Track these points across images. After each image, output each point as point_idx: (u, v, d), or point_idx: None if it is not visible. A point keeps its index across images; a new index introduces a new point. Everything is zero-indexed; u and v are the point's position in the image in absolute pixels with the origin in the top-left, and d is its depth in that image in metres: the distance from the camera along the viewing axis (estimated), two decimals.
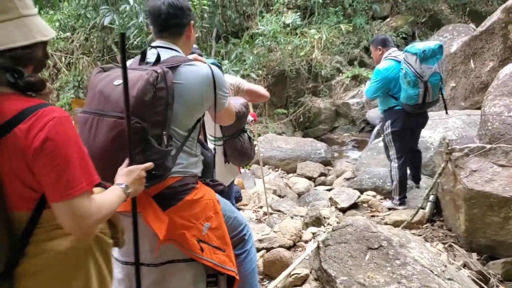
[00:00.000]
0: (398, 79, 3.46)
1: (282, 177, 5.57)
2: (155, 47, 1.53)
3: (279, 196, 4.77)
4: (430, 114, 3.85)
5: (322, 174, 5.44)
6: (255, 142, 2.27)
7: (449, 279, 2.21)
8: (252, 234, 1.83)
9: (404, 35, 8.17)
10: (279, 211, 3.88)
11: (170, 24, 1.54)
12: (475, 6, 9.09)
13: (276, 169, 5.72)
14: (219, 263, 1.45)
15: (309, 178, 5.39)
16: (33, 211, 1.04)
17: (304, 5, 7.87)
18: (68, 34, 7.46)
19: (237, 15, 8.18)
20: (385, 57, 3.56)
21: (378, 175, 4.20)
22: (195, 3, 6.29)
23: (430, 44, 3.33)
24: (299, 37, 7.33)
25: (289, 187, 5.24)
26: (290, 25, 7.25)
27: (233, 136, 2.29)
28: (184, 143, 1.50)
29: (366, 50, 8.43)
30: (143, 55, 1.52)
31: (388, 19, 8.70)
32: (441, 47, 3.31)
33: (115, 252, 1.52)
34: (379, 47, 3.63)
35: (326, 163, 5.80)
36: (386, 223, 3.30)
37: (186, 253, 1.43)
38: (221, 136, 2.30)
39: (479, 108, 5.26)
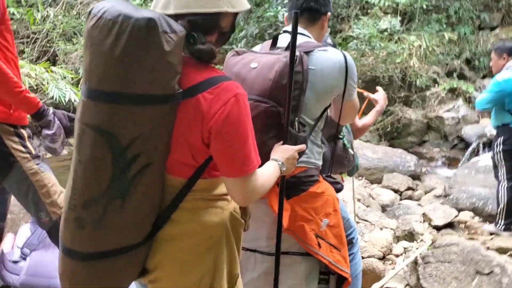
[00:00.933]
0: None
1: (366, 186, 5.38)
2: (288, 31, 1.50)
3: (364, 205, 4.61)
4: None
5: (409, 188, 5.15)
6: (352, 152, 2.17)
7: None
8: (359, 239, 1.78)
9: None
10: (366, 220, 3.75)
11: (309, 7, 1.51)
12: None
13: (360, 178, 5.54)
14: (335, 262, 1.41)
15: (395, 191, 5.13)
16: (189, 180, 1.08)
17: (404, 10, 7.50)
18: None
19: (331, 17, 8.07)
20: (507, 67, 3.24)
21: (478, 195, 3.85)
22: None
23: None
24: (395, 42, 7.01)
25: (373, 197, 5.04)
26: (388, 29, 6.96)
27: (327, 140, 2.22)
28: (311, 132, 1.47)
29: (468, 62, 7.80)
30: (275, 40, 1.53)
31: (497, 30, 7.95)
32: None
33: None
34: (505, 54, 3.30)
35: (415, 177, 5.49)
36: (488, 248, 3.01)
37: (303, 246, 1.42)
38: None
39: None
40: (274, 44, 1.52)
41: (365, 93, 2.27)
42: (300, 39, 1.48)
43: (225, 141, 1.02)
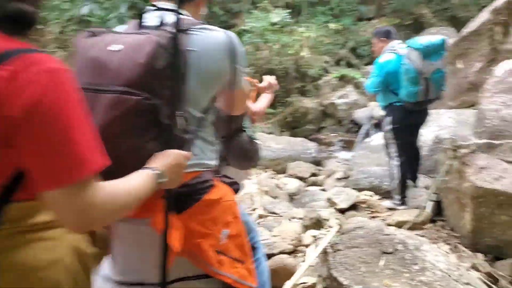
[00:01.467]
0: (397, 74, 3.31)
1: (272, 177, 5.37)
2: (159, 8, 1.22)
3: (272, 197, 4.57)
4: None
5: (313, 175, 5.26)
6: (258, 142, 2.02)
7: (466, 283, 2.04)
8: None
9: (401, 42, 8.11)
10: (274, 213, 3.67)
11: None
12: (455, 11, 9.17)
13: (266, 170, 5.52)
14: (239, 278, 1.19)
15: (300, 179, 5.20)
16: None
17: (291, 3, 7.71)
18: (42, 26, 6.98)
19: (223, 12, 7.95)
20: (387, 50, 3.41)
21: (374, 174, 4.05)
22: None
23: (433, 38, 3.19)
24: (287, 34, 7.16)
25: (280, 188, 5.04)
26: (279, 22, 7.07)
27: (230, 136, 2.03)
28: (199, 128, 1.21)
29: (353, 50, 8.35)
30: (141, 18, 1.22)
31: (374, 21, 8.64)
32: (444, 42, 3.18)
33: (106, 268, 1.20)
34: (383, 38, 3.48)
35: (317, 163, 5.64)
36: (389, 224, 3.13)
37: (202, 268, 1.16)
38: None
39: (467, 107, 5.22)
40: (141, 24, 1.23)
41: (253, 81, 2.12)
42: (173, 17, 1.19)
43: (35, 136, 0.71)
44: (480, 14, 5.12)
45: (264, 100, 1.93)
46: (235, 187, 1.38)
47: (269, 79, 1.93)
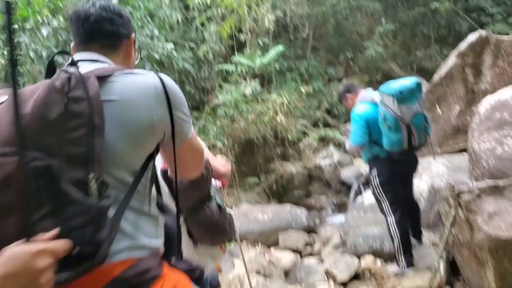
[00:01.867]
0: (376, 123, 3.08)
1: (264, 253, 4.86)
2: (76, 61, 0.99)
3: (265, 276, 4.04)
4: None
5: (307, 244, 4.79)
6: (231, 212, 1.69)
7: None
8: None
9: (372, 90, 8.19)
10: None
11: (103, 30, 1.05)
12: (421, 63, 9.49)
13: (256, 244, 5.02)
14: None
15: (294, 251, 4.71)
16: None
17: (261, 74, 7.79)
18: None
19: (196, 91, 7.95)
20: (360, 101, 3.22)
21: (373, 236, 3.63)
22: None
23: (406, 82, 2.99)
24: (260, 103, 7.11)
25: (273, 264, 4.52)
26: (252, 93, 7.04)
27: (195, 208, 1.67)
28: (130, 196, 0.91)
29: (328, 111, 8.34)
30: (51, 69, 0.97)
31: (344, 80, 8.78)
32: (419, 84, 2.99)
33: None
34: (347, 94, 3.32)
35: (310, 230, 5.19)
36: None
37: None
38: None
39: (456, 152, 5.01)
40: (49, 76, 0.95)
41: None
42: (91, 66, 0.99)
43: None
44: (447, 59, 5.14)
45: (220, 161, 1.66)
46: (194, 274, 1.00)
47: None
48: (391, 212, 3.10)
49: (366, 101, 3.17)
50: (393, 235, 3.09)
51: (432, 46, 9.35)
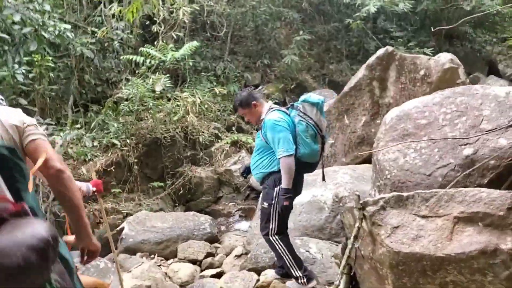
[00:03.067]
0: (292, 133, 2.81)
1: (160, 265, 4.32)
2: None
3: None
4: (316, 171, 3.24)
5: (209, 255, 4.38)
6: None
7: None
8: None
9: (277, 101, 8.11)
10: None
11: None
12: (333, 76, 9.80)
13: (152, 256, 4.45)
14: None
15: (194, 262, 4.27)
16: None
17: (174, 69, 7.24)
18: None
19: (99, 82, 7.10)
20: (269, 110, 2.91)
21: None
22: (38, 63, 5.05)
23: (320, 97, 2.91)
24: (169, 100, 6.56)
25: (169, 277, 4.03)
26: (162, 89, 6.45)
27: None
28: None
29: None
30: None
31: (260, 87, 8.63)
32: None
33: None
34: (254, 102, 2.94)
35: (213, 239, 4.78)
36: None
37: None
38: None
39: (360, 163, 5.05)
40: None
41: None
42: None
43: None
44: (358, 71, 5.19)
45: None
46: None
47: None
48: (275, 234, 2.85)
49: (277, 109, 2.89)
50: (281, 253, 2.83)
51: (344, 62, 9.72)
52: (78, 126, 5.71)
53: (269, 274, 2.99)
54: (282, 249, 2.77)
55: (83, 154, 5.70)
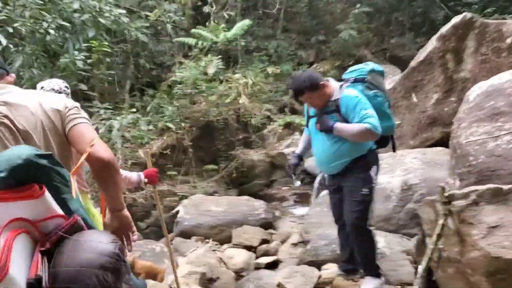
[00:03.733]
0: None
1: (215, 250, 4.22)
2: None
3: (210, 280, 3.40)
4: (381, 155, 2.86)
5: (264, 241, 4.18)
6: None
7: None
8: None
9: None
10: None
11: None
12: (394, 51, 9.05)
13: (207, 240, 4.36)
14: None
15: (249, 248, 4.10)
16: None
17: (225, 51, 7.03)
18: None
19: (154, 66, 7.10)
20: (343, 86, 2.50)
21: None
22: (96, 49, 5.07)
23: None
24: (222, 82, 6.38)
25: (224, 263, 3.90)
26: (214, 71, 6.29)
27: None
28: None
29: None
30: None
31: (314, 65, 8.20)
32: None
33: None
34: (322, 82, 2.43)
35: (268, 225, 4.57)
36: None
37: None
38: None
39: (430, 146, 4.53)
40: None
41: None
42: None
43: None
44: (428, 42, 4.61)
45: None
46: None
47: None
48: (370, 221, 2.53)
49: (351, 85, 2.49)
50: (372, 247, 2.49)
51: (406, 35, 8.92)
52: (134, 110, 5.74)
53: (332, 269, 2.71)
54: (374, 243, 2.46)
55: (140, 137, 5.73)
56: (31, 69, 4.17)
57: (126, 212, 1.39)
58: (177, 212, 4.55)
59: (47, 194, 1.11)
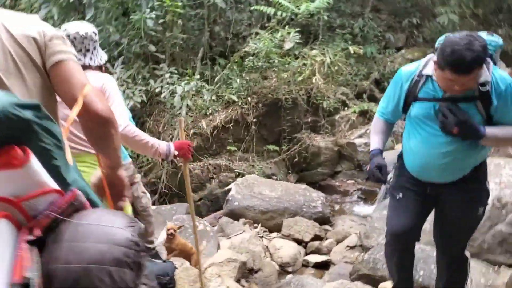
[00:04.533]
0: None
1: (262, 236, 3.92)
2: None
3: (250, 270, 3.11)
4: None
5: (316, 237, 3.79)
6: None
7: None
8: None
9: None
10: None
11: None
12: None
13: (255, 225, 4.07)
14: None
15: (299, 242, 3.74)
16: None
17: (305, 25, 6.49)
18: None
19: (229, 36, 6.84)
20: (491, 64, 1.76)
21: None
22: (170, 9, 4.89)
23: None
24: (297, 58, 5.91)
25: (270, 253, 3.59)
26: (291, 46, 5.83)
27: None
28: None
29: (377, 83, 6.98)
30: None
31: (403, 51, 7.31)
32: None
33: None
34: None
35: (324, 220, 4.15)
36: None
37: None
38: None
39: None
40: None
41: None
42: None
43: None
44: None
45: None
46: None
47: None
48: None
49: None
50: (466, 275, 1.98)
51: None
52: (198, 77, 5.53)
53: None
54: (468, 273, 1.96)
55: (204, 107, 5.55)
56: (107, 26, 4.11)
57: (120, 172, 1.06)
58: (230, 190, 4.31)
59: (34, 161, 0.78)
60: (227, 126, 5.70)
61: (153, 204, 4.20)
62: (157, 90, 4.68)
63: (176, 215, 3.86)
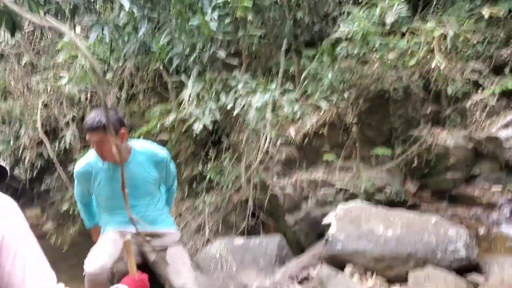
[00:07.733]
0: None
1: None
2: None
3: None
4: None
5: None
6: None
7: None
8: None
9: None
10: None
11: None
12: None
13: (370, 274, 2.99)
14: None
15: None
16: None
17: None
18: None
19: (317, 20, 5.69)
20: None
21: None
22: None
23: None
24: (404, 36, 4.51)
25: None
26: (395, 20, 4.45)
27: None
28: None
29: None
30: None
31: None
32: None
33: None
34: None
35: (470, 267, 2.86)
36: None
37: None
38: None
39: None
40: None
41: None
42: None
43: None
44: None
45: None
46: None
47: None
48: None
49: None
50: None
51: None
52: (281, 75, 4.56)
53: None
54: None
55: (291, 112, 4.59)
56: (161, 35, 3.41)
57: None
58: (328, 225, 3.28)
59: None
60: (320, 132, 4.66)
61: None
62: (229, 107, 3.87)
63: None
